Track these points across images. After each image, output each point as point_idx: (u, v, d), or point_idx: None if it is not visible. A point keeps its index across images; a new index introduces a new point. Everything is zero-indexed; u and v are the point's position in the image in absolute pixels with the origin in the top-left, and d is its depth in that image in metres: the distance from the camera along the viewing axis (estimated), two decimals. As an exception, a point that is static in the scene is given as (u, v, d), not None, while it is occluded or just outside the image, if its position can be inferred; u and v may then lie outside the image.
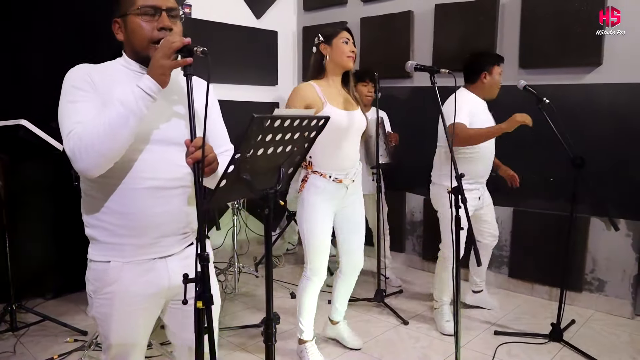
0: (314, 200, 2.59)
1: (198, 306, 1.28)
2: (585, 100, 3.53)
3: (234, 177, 1.33)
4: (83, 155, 1.32)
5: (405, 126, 4.12)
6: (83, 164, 1.33)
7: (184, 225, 1.57)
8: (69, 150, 1.34)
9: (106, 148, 1.32)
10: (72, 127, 1.35)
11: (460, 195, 2.18)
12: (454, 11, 4.11)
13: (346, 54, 2.56)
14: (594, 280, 3.59)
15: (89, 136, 1.31)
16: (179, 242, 1.58)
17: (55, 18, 3.54)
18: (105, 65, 1.53)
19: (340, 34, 2.58)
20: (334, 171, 2.57)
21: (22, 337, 3.04)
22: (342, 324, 3.04)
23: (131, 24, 1.46)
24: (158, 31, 1.45)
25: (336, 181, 2.58)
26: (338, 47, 2.56)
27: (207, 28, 4.58)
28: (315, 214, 2.60)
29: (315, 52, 2.64)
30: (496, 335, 3.16)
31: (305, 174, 2.60)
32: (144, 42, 1.46)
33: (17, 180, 2.96)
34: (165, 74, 1.36)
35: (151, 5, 1.45)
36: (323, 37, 2.61)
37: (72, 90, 1.40)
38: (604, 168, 3.41)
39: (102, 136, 1.30)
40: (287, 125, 1.36)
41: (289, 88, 5.39)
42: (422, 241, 4.51)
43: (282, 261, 4.73)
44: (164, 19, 1.46)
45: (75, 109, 1.38)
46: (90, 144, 1.31)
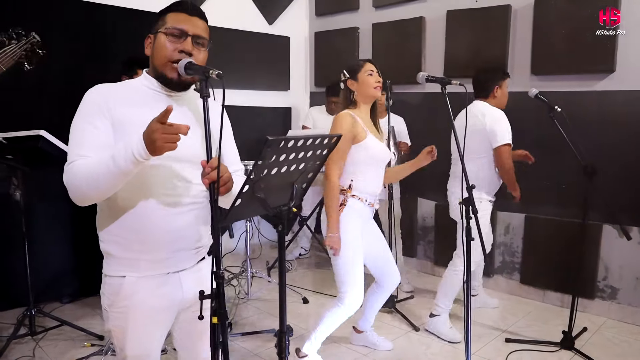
0: (352, 224, 2.63)
1: (213, 322, 1.33)
2: (598, 107, 3.52)
3: (248, 196, 1.36)
4: (73, 190, 1.42)
5: (417, 132, 4.13)
6: (73, 197, 1.43)
7: (196, 240, 1.61)
8: (65, 180, 1.43)
9: (92, 194, 1.42)
10: (74, 158, 1.42)
11: (471, 206, 2.22)
12: (466, 17, 4.12)
13: (373, 86, 2.63)
14: (607, 287, 3.58)
15: (80, 179, 1.39)
16: (192, 257, 1.63)
17: (72, 32, 3.65)
18: (124, 85, 1.58)
19: (364, 67, 2.66)
20: (369, 195, 2.67)
21: (40, 341, 3.11)
22: (369, 331, 3.12)
23: (158, 42, 1.53)
24: (179, 53, 1.50)
25: (370, 205, 2.68)
26: (364, 82, 2.64)
27: (220, 35, 4.62)
28: (356, 238, 2.64)
29: (343, 88, 2.71)
30: (507, 342, 3.17)
31: (342, 199, 2.63)
32: (163, 59, 1.51)
33: (36, 189, 3.03)
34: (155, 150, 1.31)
35: (179, 28, 1.51)
36: (348, 74, 2.68)
37: (85, 115, 1.46)
38: (616, 176, 3.40)
39: (90, 184, 1.39)
40: (300, 145, 1.40)
41: (301, 93, 5.48)
42: (434, 246, 4.53)
43: (294, 266, 4.77)
44: (187, 43, 1.51)
45: (82, 138, 1.44)
46: (79, 185, 1.40)
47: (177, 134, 1.29)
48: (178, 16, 1.53)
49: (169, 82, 1.53)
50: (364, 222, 2.72)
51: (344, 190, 2.63)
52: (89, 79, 1.56)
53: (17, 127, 2.80)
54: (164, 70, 1.51)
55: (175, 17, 1.53)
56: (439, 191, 4.26)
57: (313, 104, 5.31)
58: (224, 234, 4.03)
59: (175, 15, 1.53)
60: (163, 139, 1.27)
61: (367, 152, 2.60)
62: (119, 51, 3.35)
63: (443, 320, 3.28)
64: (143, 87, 1.57)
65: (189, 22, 1.53)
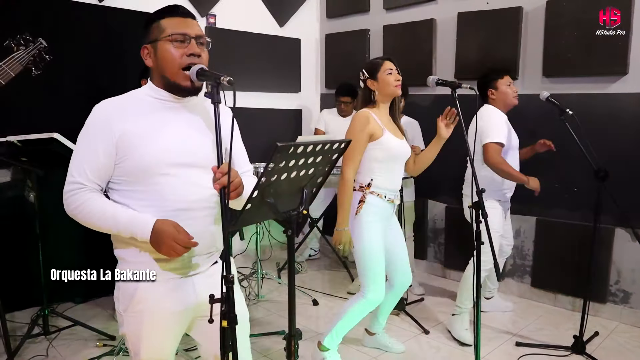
0: (372, 220, 2.65)
1: (223, 325, 1.34)
2: (610, 110, 3.49)
3: (258, 201, 1.38)
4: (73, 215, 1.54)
5: (428, 134, 4.11)
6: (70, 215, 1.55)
7: (209, 245, 1.62)
8: (65, 202, 1.54)
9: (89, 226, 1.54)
10: (72, 187, 1.52)
11: (481, 210, 2.21)
12: (477, 19, 4.10)
13: (393, 85, 2.62)
14: (619, 291, 3.55)
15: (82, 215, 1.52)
16: (204, 261, 1.64)
17: (85, 35, 3.69)
18: (130, 98, 1.58)
19: (384, 66, 2.64)
20: (388, 192, 2.68)
21: (54, 341, 3.16)
22: (381, 333, 3.12)
23: (161, 50, 1.53)
24: (187, 57, 1.51)
25: (389, 201, 2.69)
26: (384, 80, 2.63)
27: (231, 37, 4.66)
28: (375, 234, 2.66)
29: (363, 87, 2.70)
30: (517, 346, 3.15)
31: (361, 196, 2.65)
32: (174, 68, 1.52)
33: (49, 191, 3.06)
34: (158, 249, 1.48)
35: (181, 32, 1.52)
36: (368, 73, 2.66)
37: (87, 135, 1.52)
38: (629, 179, 3.37)
39: (91, 225, 1.53)
40: (309, 150, 1.41)
41: (311, 95, 5.49)
42: (444, 249, 4.51)
43: (304, 267, 4.78)
44: (193, 45, 1.52)
45: (82, 163, 1.51)
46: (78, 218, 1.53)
47: (185, 247, 1.45)
48: (174, 21, 1.53)
49: (183, 90, 1.54)
50: (385, 218, 2.73)
51: (363, 188, 2.65)
52: (102, 82, 1.59)
53: (32, 129, 2.84)
54: (177, 79, 1.52)
55: (172, 22, 1.53)
56: (449, 193, 4.27)
57: (324, 106, 5.32)
58: (234, 236, 4.05)
59: (171, 20, 1.53)
60: (172, 247, 1.43)
61: (384, 149, 2.61)
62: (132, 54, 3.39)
63: (461, 321, 3.27)
64: (149, 97, 1.57)
65: (186, 24, 1.54)
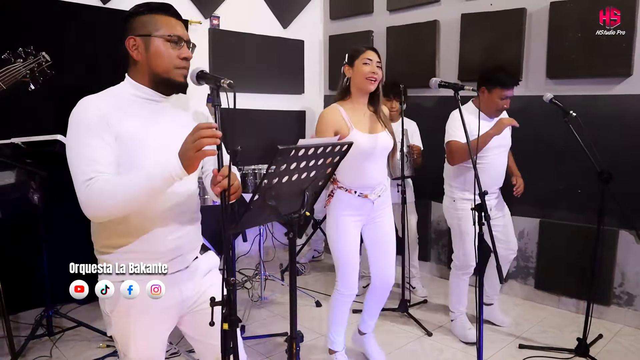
0: (340, 214, 2.60)
1: (224, 328, 1.35)
2: (614, 112, 3.48)
3: (259, 204, 1.38)
4: (93, 207, 1.39)
5: (431, 135, 4.11)
6: (92, 212, 1.42)
7: (194, 247, 1.67)
8: (85, 197, 1.38)
9: (119, 209, 1.40)
10: (92, 174, 1.38)
11: (483, 213, 2.20)
12: (481, 21, 4.09)
13: (365, 76, 2.47)
14: (623, 294, 3.53)
15: (108, 195, 1.37)
16: (187, 260, 1.66)
17: (88, 36, 3.72)
18: (111, 94, 1.54)
19: (363, 55, 2.48)
20: (359, 188, 2.57)
21: (58, 342, 3.17)
22: (369, 335, 3.01)
23: (155, 47, 1.51)
24: (181, 60, 1.52)
25: (362, 196, 2.57)
26: (358, 69, 2.48)
27: (234, 39, 4.66)
28: (343, 228, 2.61)
29: (342, 73, 2.58)
30: (520, 348, 3.14)
31: (332, 188, 2.61)
32: (168, 67, 1.52)
33: (53, 193, 3.08)
34: (194, 165, 1.35)
35: (177, 35, 1.52)
36: (347, 59, 2.54)
37: (86, 132, 1.42)
38: (632, 181, 3.35)
39: (120, 201, 1.37)
40: (310, 153, 1.41)
41: (315, 96, 5.49)
42: (447, 250, 4.50)
43: (307, 269, 4.78)
44: (185, 49, 1.54)
45: (91, 155, 1.40)
46: (103, 200, 1.37)
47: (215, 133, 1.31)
48: (170, 21, 1.53)
49: (176, 85, 1.54)
50: (362, 213, 2.62)
51: (333, 181, 2.60)
52: (106, 84, 1.58)
53: (35, 131, 2.86)
54: (170, 75, 1.52)
55: (167, 21, 1.52)
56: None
57: (327, 108, 5.32)
58: (236, 239, 4.05)
59: (166, 19, 1.53)
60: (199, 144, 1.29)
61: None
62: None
63: (461, 323, 3.29)
64: (131, 96, 1.54)
65: (179, 27, 1.55)
